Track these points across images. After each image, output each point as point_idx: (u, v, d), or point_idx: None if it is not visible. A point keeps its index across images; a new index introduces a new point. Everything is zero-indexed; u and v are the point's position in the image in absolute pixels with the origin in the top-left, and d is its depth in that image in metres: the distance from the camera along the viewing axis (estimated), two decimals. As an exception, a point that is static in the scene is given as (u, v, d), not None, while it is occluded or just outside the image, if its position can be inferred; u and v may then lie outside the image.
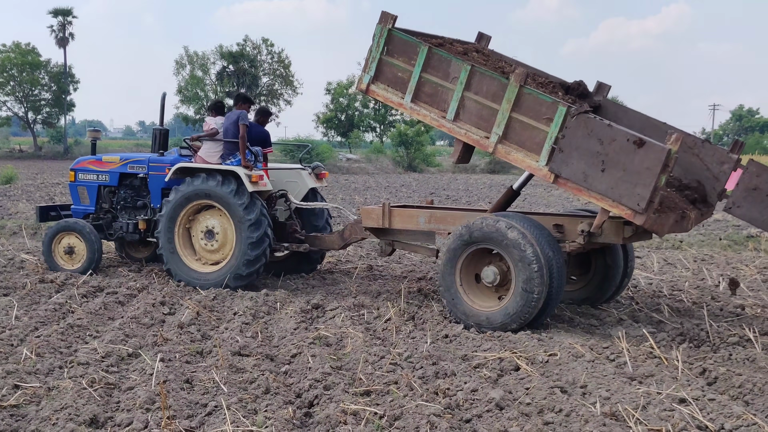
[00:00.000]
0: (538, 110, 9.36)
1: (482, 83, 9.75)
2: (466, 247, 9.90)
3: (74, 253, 12.91)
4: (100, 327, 9.47)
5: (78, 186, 13.73)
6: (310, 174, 13.38)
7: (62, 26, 77.30)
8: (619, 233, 9.71)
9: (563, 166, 9.08)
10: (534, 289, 9.28)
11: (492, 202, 13.28)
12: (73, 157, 67.64)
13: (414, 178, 51.10)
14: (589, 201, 9.20)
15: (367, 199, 29.63)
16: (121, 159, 13.48)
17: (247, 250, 11.69)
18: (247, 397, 6.83)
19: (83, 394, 6.80)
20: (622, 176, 8.69)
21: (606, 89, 11.38)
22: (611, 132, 8.79)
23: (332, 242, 12.59)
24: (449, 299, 9.99)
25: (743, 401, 7.13)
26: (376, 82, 10.59)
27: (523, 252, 9.33)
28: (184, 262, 12.18)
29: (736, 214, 10.09)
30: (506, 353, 8.32)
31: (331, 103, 79.04)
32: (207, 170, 12.05)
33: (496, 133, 9.65)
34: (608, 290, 11.16)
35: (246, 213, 11.64)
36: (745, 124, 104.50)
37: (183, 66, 78.34)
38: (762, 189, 9.84)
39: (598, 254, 11.08)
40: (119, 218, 13.41)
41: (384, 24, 10.34)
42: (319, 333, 9.25)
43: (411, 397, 6.92)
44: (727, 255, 16.83)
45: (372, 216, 11.48)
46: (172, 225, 12.14)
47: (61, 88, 77.41)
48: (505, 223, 9.57)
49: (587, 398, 6.99)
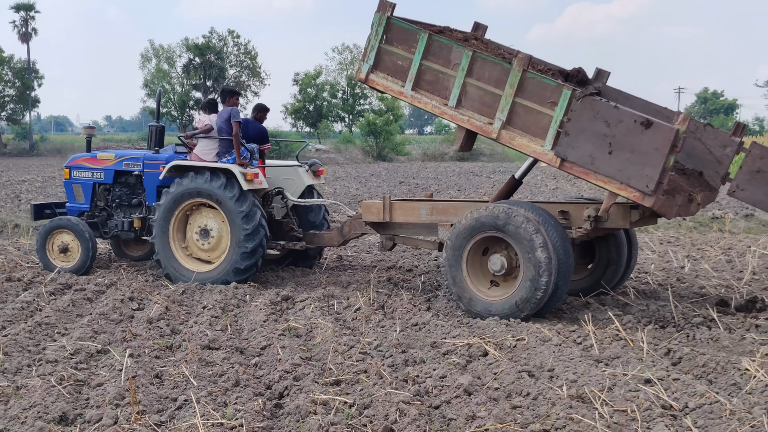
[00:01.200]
0: (542, 94, 9.30)
1: (484, 69, 9.69)
2: (473, 235, 9.78)
3: (68, 251, 12.85)
4: (69, 324, 9.43)
5: (73, 183, 13.64)
6: (307, 171, 13.29)
7: (25, 21, 76.23)
8: (626, 217, 9.66)
9: (569, 149, 9.05)
10: (541, 284, 9.20)
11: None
12: (39, 153, 67.25)
13: (384, 168, 51.12)
14: (596, 185, 9.20)
15: (336, 190, 29.62)
16: (116, 156, 13.41)
17: (244, 243, 11.60)
18: (216, 390, 6.85)
19: (52, 392, 6.79)
20: (629, 158, 8.67)
21: (605, 75, 11.34)
22: (618, 113, 8.77)
23: (331, 239, 12.54)
24: (456, 289, 9.87)
25: (707, 380, 7.26)
26: (376, 71, 10.51)
27: (531, 240, 9.25)
28: (174, 256, 12.12)
29: (741, 198, 10.09)
30: (475, 339, 8.39)
31: (299, 93, 78.75)
32: (201, 168, 11.98)
33: (499, 118, 9.59)
34: (613, 279, 11.08)
35: (245, 222, 11.55)
36: (710, 107, 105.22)
37: (149, 59, 77.77)
38: (765, 171, 9.83)
39: (602, 243, 11.02)
40: (114, 216, 13.32)
41: (382, 12, 10.26)
42: (289, 324, 9.27)
43: (380, 385, 6.96)
44: (692, 236, 17.04)
45: (372, 210, 11.41)
46: (168, 217, 12.04)
47: (25, 84, 76.42)
48: (519, 213, 9.46)
49: (554, 381, 7.08)
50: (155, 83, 74.97)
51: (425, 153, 67.91)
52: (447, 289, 10.04)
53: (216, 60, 77.26)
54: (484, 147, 66.79)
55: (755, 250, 14.50)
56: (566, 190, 28.51)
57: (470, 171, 44.78)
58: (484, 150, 66.40)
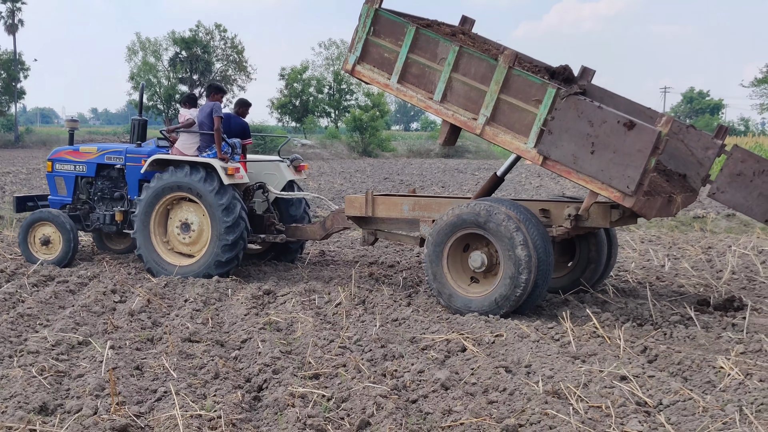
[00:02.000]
0: (527, 92, 9.34)
1: (470, 64, 9.73)
2: (453, 232, 9.84)
3: (50, 243, 12.85)
4: (51, 316, 9.46)
5: (55, 176, 13.64)
6: (288, 166, 13.33)
7: (11, 12, 75.90)
8: (606, 217, 9.73)
9: (552, 148, 9.10)
10: (520, 281, 9.27)
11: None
12: (25, 145, 66.98)
13: (369, 163, 51.17)
14: (578, 184, 9.27)
15: (321, 185, 29.66)
16: (98, 150, 13.40)
17: (224, 235, 11.62)
18: (196, 382, 6.90)
19: (33, 383, 6.82)
20: (612, 158, 8.73)
21: (591, 74, 11.36)
22: (602, 114, 8.83)
23: (314, 232, 12.57)
24: (436, 285, 9.93)
25: (682, 377, 7.36)
26: (362, 62, 10.53)
27: (511, 237, 9.31)
28: (156, 251, 12.14)
29: (720, 200, 10.17)
30: (453, 335, 8.47)
31: (286, 88, 78.67)
32: (182, 162, 11.99)
33: (483, 114, 9.63)
34: (592, 277, 11.16)
35: (225, 214, 11.57)
36: (695, 106, 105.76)
37: (135, 52, 77.42)
38: (746, 174, 9.92)
39: (582, 241, 11.10)
40: (96, 209, 13.34)
41: (371, 4, 10.27)
42: (270, 318, 9.33)
43: (359, 379, 7.03)
44: (673, 235, 17.17)
45: (355, 204, 11.43)
46: (149, 212, 12.05)
47: (11, 76, 76.05)
48: (500, 211, 9.53)
49: (531, 377, 7.16)
50: (141, 76, 74.69)
51: (411, 149, 67.98)
52: (428, 284, 10.10)
53: (202, 54, 77.04)
54: (469, 144, 66.98)
55: (735, 249, 14.64)
56: (550, 188, 28.62)
57: (455, 168, 44.89)
58: (470, 147, 66.58)
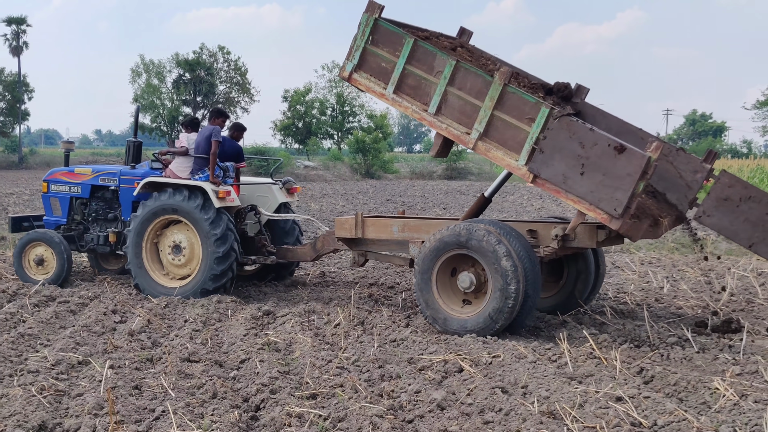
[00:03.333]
0: (521, 109, 9.42)
1: (466, 79, 9.79)
2: (441, 254, 9.90)
3: (44, 262, 12.93)
4: (51, 335, 9.52)
5: (50, 197, 13.78)
6: (281, 189, 13.44)
7: (16, 35, 76.34)
8: (593, 237, 9.83)
9: (543, 166, 9.19)
10: (510, 292, 9.31)
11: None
12: (28, 166, 67.17)
13: (371, 185, 51.28)
14: (566, 203, 9.35)
15: (323, 206, 29.76)
16: (93, 171, 13.52)
17: (214, 265, 11.73)
18: (194, 402, 6.95)
19: (32, 401, 6.88)
20: (601, 180, 8.82)
21: (584, 92, 11.44)
22: (593, 136, 8.92)
23: (304, 254, 12.63)
24: (430, 312, 9.95)
25: (677, 398, 7.39)
26: (359, 70, 10.58)
27: (494, 251, 9.38)
28: (152, 278, 12.21)
29: (706, 223, 10.25)
30: (451, 356, 8.51)
31: (289, 110, 78.96)
32: (175, 185, 12.09)
33: (477, 129, 9.70)
34: (581, 296, 11.21)
35: (212, 228, 11.68)
36: (698, 129, 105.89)
37: (139, 74, 77.84)
38: (732, 200, 10.02)
39: (570, 261, 11.17)
40: (90, 230, 13.45)
41: (370, 13, 10.33)
42: (269, 339, 9.37)
43: (356, 399, 7.08)
44: (673, 258, 17.20)
45: (345, 226, 11.49)
46: (139, 241, 12.16)
47: (15, 97, 76.48)
48: (479, 227, 9.62)
49: (527, 398, 7.20)
50: (145, 98, 75.09)
51: (413, 171, 68.18)
52: (422, 312, 10.14)
53: (206, 76, 77.46)
54: (472, 166, 67.24)
55: (734, 271, 14.68)
56: (552, 209, 28.72)
57: (457, 189, 44.99)
58: (472, 169, 66.80)
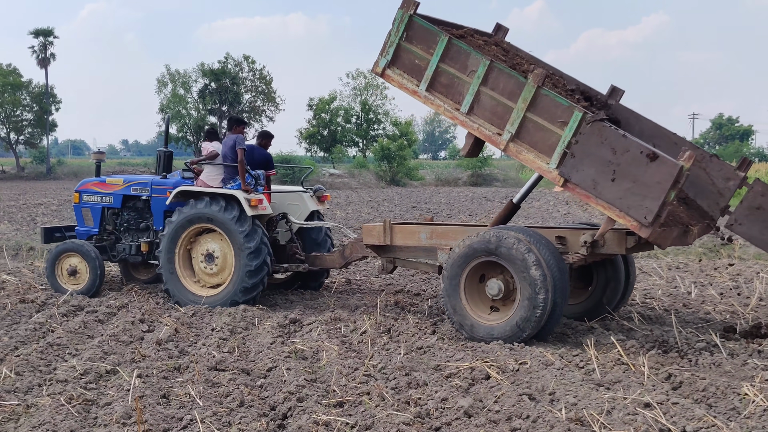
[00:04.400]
0: (553, 112, 9.37)
1: (499, 80, 9.74)
2: (470, 260, 9.86)
3: (77, 273, 13.05)
4: (80, 345, 9.59)
5: (82, 208, 13.90)
6: (311, 197, 13.50)
7: (44, 46, 77.12)
8: (622, 244, 9.75)
9: (573, 171, 9.15)
10: (538, 302, 9.28)
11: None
12: (56, 177, 67.78)
13: (397, 192, 51.30)
14: (595, 209, 9.30)
15: (348, 214, 29.80)
16: (124, 181, 13.66)
17: (245, 278, 11.80)
18: (221, 410, 6.98)
19: (61, 411, 6.93)
20: (631, 187, 8.77)
21: (619, 93, 11.43)
22: (625, 142, 8.86)
23: (333, 261, 12.67)
24: (457, 318, 9.92)
25: (706, 404, 7.32)
26: (392, 67, 10.54)
27: (524, 259, 9.35)
28: (183, 284, 12.29)
29: (737, 232, 10.20)
30: (478, 363, 8.48)
31: (314, 118, 79.18)
32: (212, 194, 12.16)
33: (509, 131, 9.66)
34: (610, 303, 11.15)
35: (246, 240, 11.76)
36: (725, 133, 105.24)
37: (165, 84, 78.46)
38: (765, 209, 9.96)
39: (599, 267, 11.10)
40: (122, 240, 13.57)
41: (406, 9, 10.28)
42: (296, 347, 9.39)
43: (382, 407, 7.08)
44: (701, 263, 17.07)
45: (373, 233, 11.49)
46: (172, 247, 12.24)
47: (43, 109, 77.24)
48: (509, 235, 9.59)
49: (555, 404, 7.16)
50: (171, 108, 75.59)
51: (438, 178, 68.13)
52: (449, 318, 10.11)
53: (231, 85, 77.89)
54: (497, 172, 67.15)
55: (763, 276, 14.54)
56: (578, 215, 28.57)
57: (483, 196, 44.89)
58: (498, 175, 66.64)
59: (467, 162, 66.39)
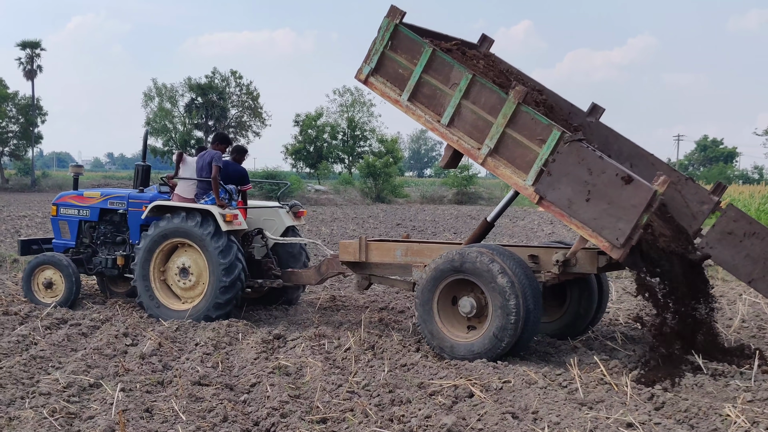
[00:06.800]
0: (533, 130, 9.43)
1: (481, 94, 9.79)
2: (438, 283, 9.93)
3: (53, 286, 13.02)
4: (63, 358, 9.56)
5: (59, 220, 13.89)
6: (287, 212, 13.54)
7: (30, 58, 76.84)
8: (594, 263, 9.85)
9: (549, 189, 9.22)
10: (510, 308, 9.32)
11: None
12: (41, 189, 67.41)
13: (382, 209, 51.30)
14: (570, 227, 9.38)
15: (333, 230, 29.79)
16: (101, 195, 13.67)
17: (219, 294, 11.83)
18: (205, 425, 6.98)
19: (44, 424, 6.92)
20: (606, 209, 8.86)
21: (600, 111, 11.52)
22: (602, 164, 8.96)
23: (309, 277, 12.67)
24: (436, 342, 9.94)
25: (688, 425, 7.36)
26: (376, 74, 10.57)
27: (489, 269, 9.43)
28: (157, 299, 12.29)
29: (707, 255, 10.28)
30: (461, 381, 8.51)
31: (300, 134, 79.16)
32: (188, 209, 12.16)
33: (488, 145, 9.73)
34: (583, 323, 11.25)
35: (221, 256, 11.77)
36: (709, 155, 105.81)
37: (151, 98, 78.26)
38: (736, 234, 10.06)
39: (573, 287, 11.17)
40: (99, 253, 13.53)
41: (392, 18, 10.30)
42: (279, 363, 9.39)
43: (366, 423, 7.09)
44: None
45: (349, 250, 11.52)
46: (148, 261, 12.25)
47: (28, 121, 76.88)
48: (471, 250, 9.70)
49: (537, 423, 7.19)
50: (157, 122, 75.44)
51: (424, 195, 68.09)
52: (428, 343, 10.13)
53: (218, 100, 77.82)
54: (483, 191, 67.18)
55: (746, 297, 14.62)
56: (563, 234, 28.60)
57: (467, 214, 44.97)
58: (483, 194, 66.71)
59: (452, 180, 66.54)
